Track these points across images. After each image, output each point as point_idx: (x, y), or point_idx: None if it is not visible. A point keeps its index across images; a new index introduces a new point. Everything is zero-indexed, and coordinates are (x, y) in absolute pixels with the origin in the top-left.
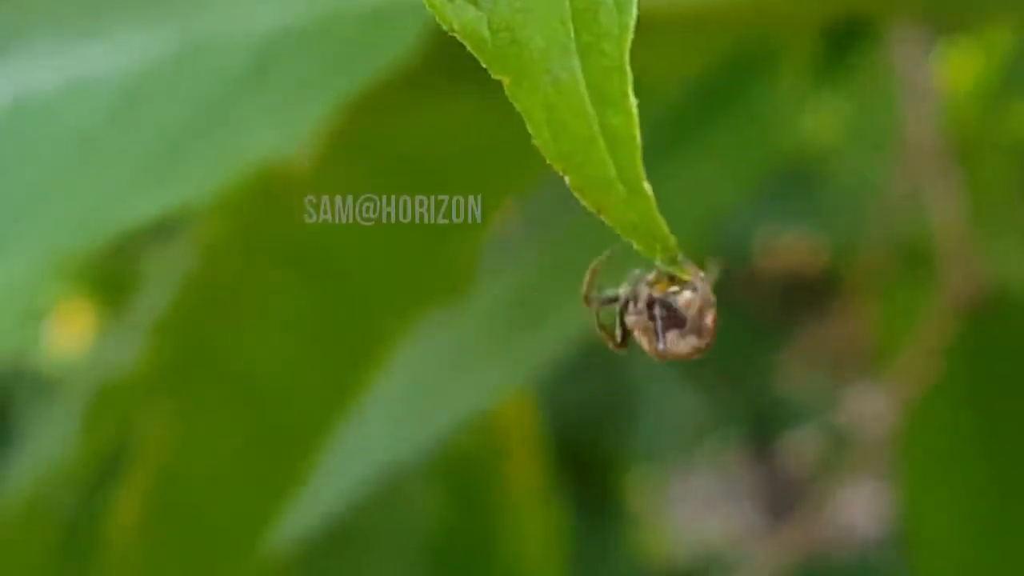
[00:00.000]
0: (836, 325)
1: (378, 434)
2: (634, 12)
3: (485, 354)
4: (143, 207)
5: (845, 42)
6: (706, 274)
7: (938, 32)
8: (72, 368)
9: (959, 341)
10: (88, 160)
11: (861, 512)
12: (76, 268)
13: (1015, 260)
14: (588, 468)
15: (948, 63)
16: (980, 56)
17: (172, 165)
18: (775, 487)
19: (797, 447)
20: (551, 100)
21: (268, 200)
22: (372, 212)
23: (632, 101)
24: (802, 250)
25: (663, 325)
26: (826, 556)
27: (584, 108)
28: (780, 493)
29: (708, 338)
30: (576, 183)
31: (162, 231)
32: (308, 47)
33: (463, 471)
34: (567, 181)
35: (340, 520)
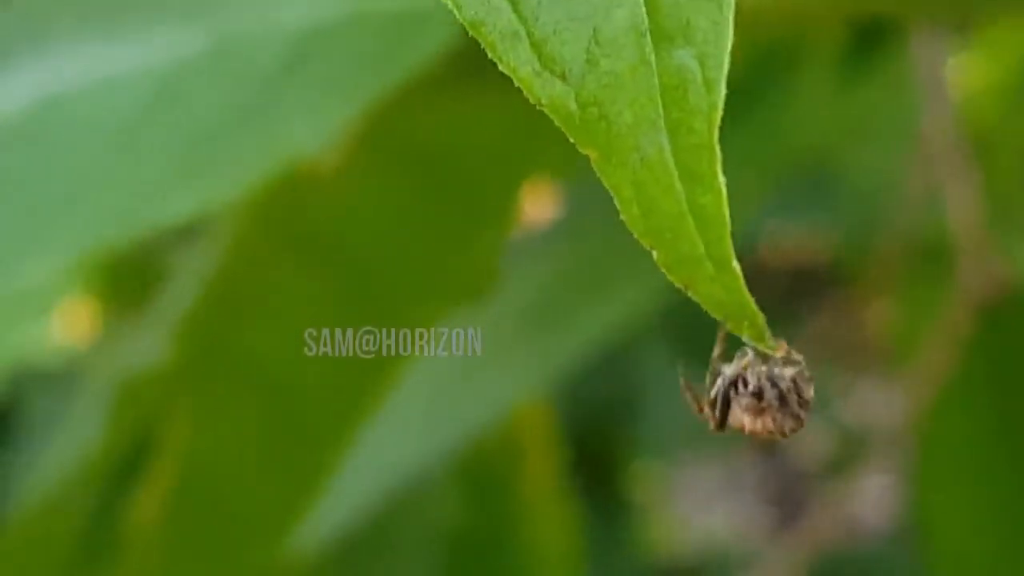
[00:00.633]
0: (844, 320)
1: (401, 436)
2: (723, 91)
3: (508, 355)
4: (176, 204)
5: (868, 42)
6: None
7: (956, 31)
8: (82, 362)
9: (975, 337)
10: (121, 158)
11: (868, 506)
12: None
13: None
14: (595, 463)
15: (966, 61)
16: (997, 55)
17: (204, 162)
18: (782, 481)
19: (804, 441)
20: (640, 177)
21: (292, 197)
22: (395, 210)
23: (721, 180)
24: (811, 245)
25: (777, 405)
26: (836, 551)
27: (673, 185)
28: (787, 487)
29: (808, 410)
30: (664, 260)
31: (181, 227)
32: (338, 45)
33: (481, 469)
34: (655, 256)
35: (361, 520)
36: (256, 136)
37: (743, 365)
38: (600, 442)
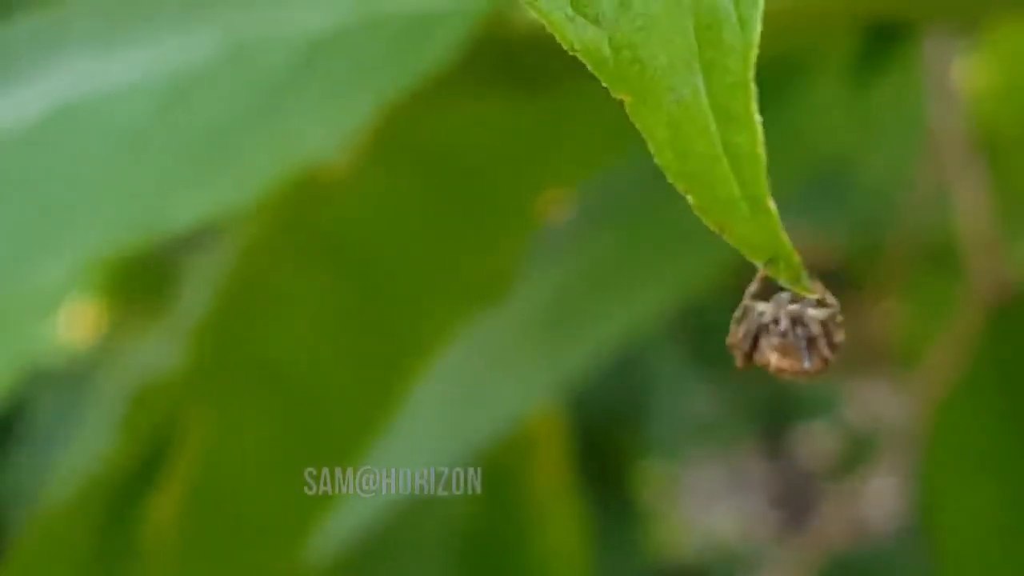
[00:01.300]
0: (852, 320)
1: (417, 440)
2: (759, 28)
3: (524, 359)
4: (189, 208)
5: (879, 45)
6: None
7: (966, 33)
8: (89, 363)
9: (984, 338)
10: (135, 162)
11: (875, 508)
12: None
13: None
14: (602, 463)
15: (975, 63)
16: (1007, 57)
17: (219, 166)
18: (789, 482)
19: (810, 441)
20: (674, 119)
21: (306, 201)
22: (410, 214)
23: (757, 119)
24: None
25: (806, 344)
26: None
27: (708, 126)
28: (794, 488)
29: (837, 354)
30: (699, 203)
31: (194, 230)
32: (351, 49)
33: (491, 471)
34: (689, 201)
35: (376, 524)
36: (269, 140)
37: (776, 304)
38: (607, 443)
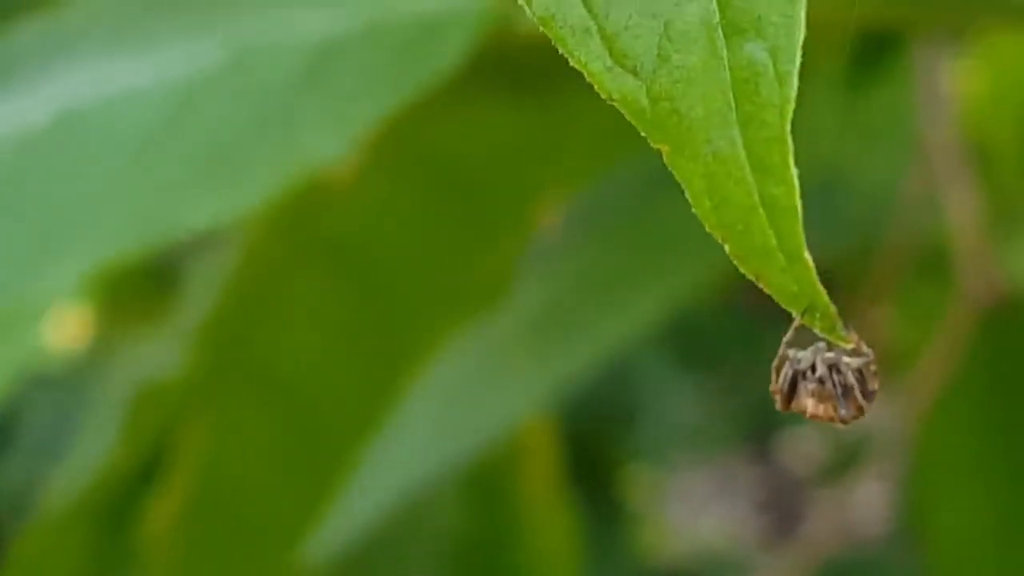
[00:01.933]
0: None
1: (412, 446)
2: (795, 84)
3: (518, 367)
4: (195, 215)
5: (871, 51)
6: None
7: (956, 38)
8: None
9: (975, 343)
10: (142, 168)
11: (865, 512)
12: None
13: None
14: (591, 467)
15: (966, 69)
16: (998, 62)
17: (223, 173)
18: (778, 487)
19: (798, 447)
20: (711, 169)
21: (309, 207)
22: (412, 220)
23: (793, 171)
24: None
25: (841, 392)
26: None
27: (745, 177)
28: (783, 493)
29: (872, 403)
30: (735, 251)
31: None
32: (356, 56)
33: (482, 476)
34: (726, 249)
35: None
36: (275, 147)
37: (813, 352)
38: (597, 448)
